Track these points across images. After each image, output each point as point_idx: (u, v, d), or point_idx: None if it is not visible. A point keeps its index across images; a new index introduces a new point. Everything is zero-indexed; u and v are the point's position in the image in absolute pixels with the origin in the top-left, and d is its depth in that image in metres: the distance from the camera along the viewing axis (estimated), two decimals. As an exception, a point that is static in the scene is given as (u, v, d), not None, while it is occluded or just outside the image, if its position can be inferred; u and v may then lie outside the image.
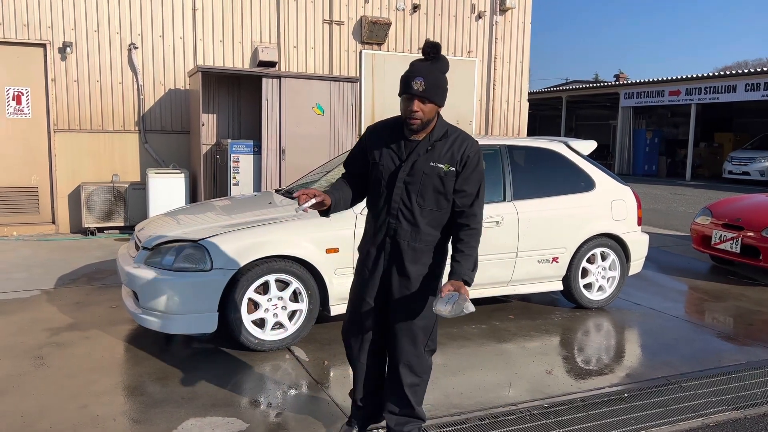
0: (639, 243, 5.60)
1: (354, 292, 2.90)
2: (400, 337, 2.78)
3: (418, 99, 2.59)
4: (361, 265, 2.85)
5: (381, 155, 2.72)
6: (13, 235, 8.04)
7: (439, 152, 2.69)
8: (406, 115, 2.63)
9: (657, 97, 23.08)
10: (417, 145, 2.69)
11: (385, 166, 2.71)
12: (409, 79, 2.60)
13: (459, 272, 2.67)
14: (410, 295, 2.75)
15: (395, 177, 2.69)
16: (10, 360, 3.93)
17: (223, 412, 3.31)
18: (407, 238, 2.71)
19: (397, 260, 2.74)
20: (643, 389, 3.79)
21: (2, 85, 7.93)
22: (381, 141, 2.75)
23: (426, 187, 2.67)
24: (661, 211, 13.00)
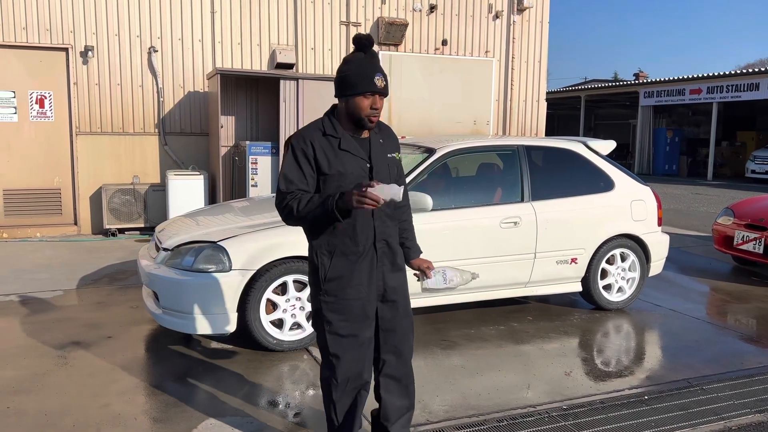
0: (659, 244, 5.54)
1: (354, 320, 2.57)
2: (406, 332, 2.76)
3: (379, 95, 2.51)
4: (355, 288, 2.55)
5: (343, 164, 2.50)
6: (37, 236, 8.18)
7: (387, 144, 2.67)
8: (368, 114, 2.50)
9: (678, 95, 22.80)
10: (370, 142, 2.59)
11: (354, 173, 2.51)
12: (371, 76, 2.48)
13: (417, 248, 2.84)
14: (405, 288, 2.74)
15: (370, 179, 2.53)
16: (33, 359, 4.00)
17: (242, 412, 3.33)
18: (393, 234, 2.67)
19: (391, 260, 2.66)
20: (663, 392, 3.75)
21: (26, 89, 8.07)
22: (331, 149, 2.51)
23: (391, 178, 2.61)
24: (682, 211, 12.84)
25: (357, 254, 2.55)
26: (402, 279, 2.72)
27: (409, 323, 2.77)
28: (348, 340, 2.58)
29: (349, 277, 2.56)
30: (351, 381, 2.62)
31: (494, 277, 4.85)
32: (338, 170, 2.50)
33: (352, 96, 2.50)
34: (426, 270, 2.78)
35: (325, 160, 2.50)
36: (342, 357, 2.59)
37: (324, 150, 2.51)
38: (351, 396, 2.64)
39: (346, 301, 2.57)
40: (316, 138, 2.53)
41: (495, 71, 10.36)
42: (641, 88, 24.32)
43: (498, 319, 5.06)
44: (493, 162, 5.36)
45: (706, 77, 21.50)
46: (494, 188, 5.10)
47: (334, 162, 2.50)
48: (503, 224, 4.81)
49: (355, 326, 2.59)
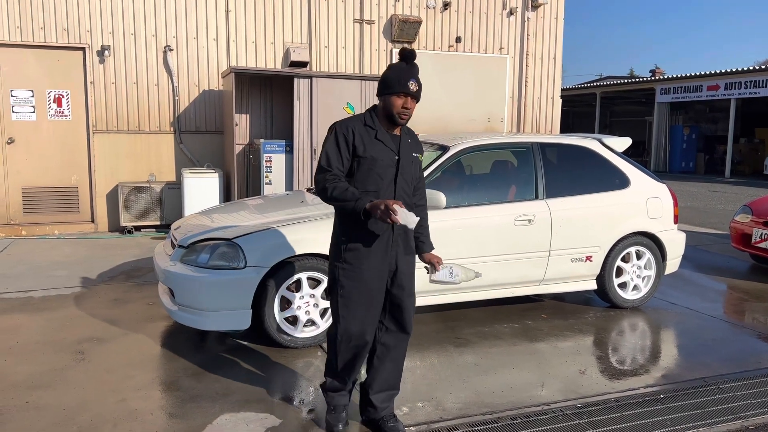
0: (675, 241, 5.49)
1: (366, 288, 2.96)
2: (410, 312, 3.09)
3: (411, 97, 2.91)
4: (371, 260, 2.94)
5: (377, 151, 2.93)
6: (55, 233, 8.29)
7: (414, 145, 3.09)
8: (400, 111, 2.91)
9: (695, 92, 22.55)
10: (400, 139, 3.01)
11: (385, 161, 2.94)
12: (406, 80, 2.89)
13: (430, 244, 3.21)
14: (412, 271, 3.11)
15: (396, 169, 2.96)
16: (52, 355, 4.06)
17: (256, 408, 3.36)
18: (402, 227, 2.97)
19: (404, 243, 3.05)
20: (679, 390, 3.72)
21: (44, 88, 8.18)
22: (368, 138, 2.94)
23: (413, 175, 3.06)
24: (699, 208, 12.71)
25: (378, 230, 2.93)
26: (411, 261, 3.10)
27: (412, 302, 3.11)
28: (356, 305, 2.97)
29: (366, 250, 2.94)
30: (354, 339, 3.01)
31: (508, 275, 4.83)
32: (372, 155, 2.93)
33: (389, 95, 2.92)
34: (435, 264, 3.11)
35: (362, 145, 2.93)
36: (349, 319, 2.98)
37: (362, 137, 2.94)
38: (352, 351, 3.04)
39: (361, 271, 2.95)
40: (357, 126, 2.96)
41: (509, 68, 10.31)
42: (657, 84, 24.08)
43: (512, 317, 5.04)
44: (507, 159, 5.34)
45: (724, 73, 21.23)
46: (508, 186, 5.09)
47: (369, 148, 2.93)
48: (517, 222, 4.79)
49: (364, 294, 2.97)
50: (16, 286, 5.69)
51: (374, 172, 2.91)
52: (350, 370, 3.10)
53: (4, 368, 3.82)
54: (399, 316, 3.07)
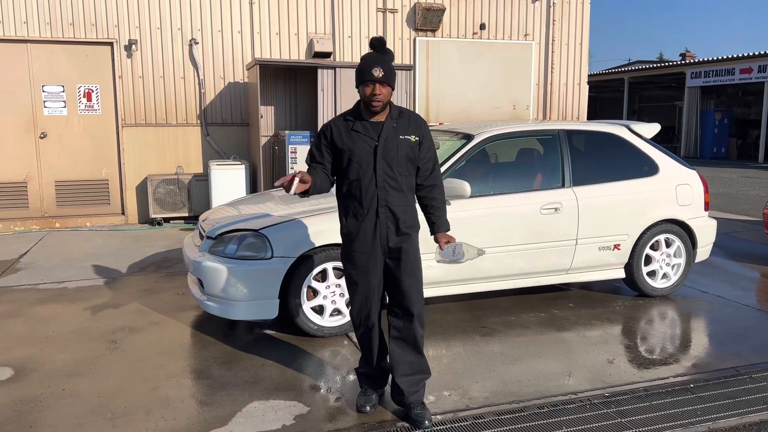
0: (706, 229, 5.39)
1: (360, 269, 3.13)
2: (411, 292, 3.12)
3: (378, 83, 2.98)
4: (360, 243, 3.10)
5: (353, 142, 3.07)
6: (86, 225, 8.48)
7: (403, 128, 3.11)
8: (369, 98, 3.01)
9: (727, 75, 21.99)
10: (383, 125, 3.08)
11: (362, 149, 3.05)
12: (370, 68, 2.97)
13: (443, 225, 3.22)
14: (410, 250, 3.13)
15: (375, 155, 3.05)
16: (86, 344, 4.17)
17: (284, 396, 3.41)
18: (398, 203, 3.10)
19: (394, 223, 3.10)
20: (710, 380, 3.67)
21: (74, 83, 8.33)
22: (347, 131, 3.10)
23: (401, 157, 3.08)
24: (731, 195, 12.43)
25: (362, 215, 3.10)
26: (407, 242, 3.13)
27: (412, 283, 3.13)
28: (357, 286, 3.16)
29: (356, 233, 3.11)
30: (363, 320, 3.20)
31: (534, 264, 4.80)
32: (348, 147, 3.08)
33: (360, 85, 3.05)
34: (441, 243, 3.19)
35: (340, 139, 3.11)
36: (354, 299, 3.20)
37: (341, 131, 3.11)
38: (362, 329, 3.23)
39: (354, 253, 3.13)
40: (337, 122, 3.16)
41: (534, 54, 10.19)
42: (688, 68, 23.54)
43: (539, 306, 5.02)
44: (533, 147, 5.29)
45: (758, 56, 20.65)
46: (534, 174, 5.04)
47: (346, 140, 3.09)
48: (543, 210, 4.76)
49: (361, 274, 3.14)
50: (51, 277, 5.84)
51: (353, 161, 3.06)
52: (367, 351, 3.26)
53: (42, 357, 3.93)
54: (400, 297, 3.13)
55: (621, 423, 3.13)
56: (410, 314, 3.13)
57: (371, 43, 3.07)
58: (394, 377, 3.18)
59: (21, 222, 8.26)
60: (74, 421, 3.12)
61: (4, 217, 8.24)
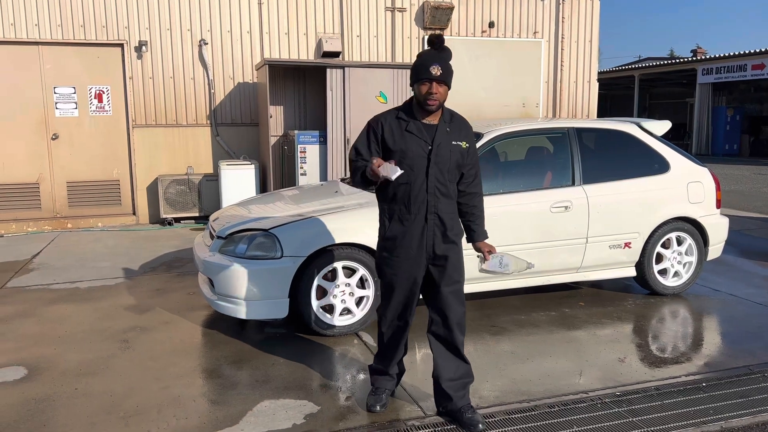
0: (718, 226, 5.35)
1: (401, 275, 3.05)
2: (451, 301, 3.07)
3: (436, 82, 2.89)
4: (404, 249, 3.01)
5: (406, 143, 2.95)
6: (98, 225, 8.54)
7: (455, 132, 3.03)
8: (425, 97, 2.90)
9: (738, 71, 21.79)
10: (437, 128, 2.98)
11: (415, 151, 2.95)
12: (428, 65, 2.88)
13: (483, 233, 3.18)
14: (455, 259, 3.06)
15: (429, 159, 2.95)
16: (98, 343, 4.20)
17: (295, 395, 3.42)
18: (446, 210, 3.02)
19: (441, 230, 3.02)
20: (722, 378, 3.65)
21: (85, 84, 8.40)
22: (400, 130, 2.98)
23: (452, 162, 3.00)
24: (744, 192, 12.33)
25: (409, 220, 3.00)
26: (453, 250, 3.05)
27: (455, 290, 3.07)
28: (396, 289, 3.08)
29: (401, 238, 3.02)
30: (395, 319, 3.15)
31: (545, 263, 4.78)
32: (401, 148, 2.97)
33: (415, 83, 2.95)
34: (485, 253, 3.12)
35: (392, 138, 2.99)
36: (390, 300, 3.12)
37: (392, 130, 3.00)
38: (393, 329, 3.17)
39: (397, 259, 3.04)
40: (388, 119, 3.03)
41: (544, 52, 10.14)
42: (699, 65, 23.35)
43: (549, 305, 5.00)
44: (543, 145, 5.27)
45: (770, 51, 20.45)
46: (544, 172, 5.02)
47: (398, 141, 2.98)
48: (554, 208, 4.74)
49: (402, 280, 3.06)
50: (63, 277, 5.89)
51: (404, 164, 2.93)
52: (392, 350, 3.20)
53: (54, 356, 3.97)
54: (441, 305, 3.07)
55: (632, 422, 3.12)
56: (451, 322, 3.08)
57: (429, 40, 2.98)
58: (440, 383, 3.13)
59: (33, 222, 8.33)
60: (87, 420, 3.14)
61: (16, 217, 8.32)
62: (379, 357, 3.28)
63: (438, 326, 3.11)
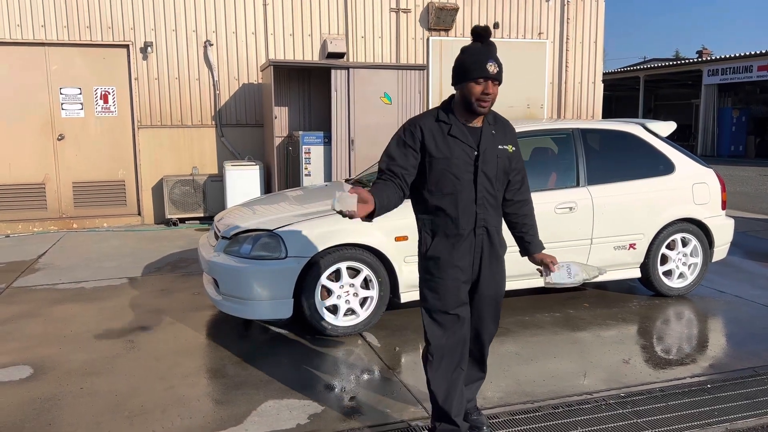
0: (723, 228, 5.33)
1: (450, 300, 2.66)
2: (488, 319, 2.83)
3: (491, 81, 2.56)
4: (453, 269, 2.64)
5: (450, 149, 2.60)
6: (104, 226, 8.57)
7: (501, 135, 2.72)
8: (480, 99, 2.56)
9: (744, 72, 21.72)
10: (482, 131, 2.66)
11: (460, 158, 2.60)
12: (483, 62, 2.56)
13: (540, 245, 2.88)
14: (499, 277, 2.80)
15: (476, 167, 2.62)
16: (103, 343, 4.22)
17: (299, 395, 3.43)
18: (495, 223, 2.71)
19: (489, 247, 2.71)
20: (728, 380, 3.63)
21: (91, 85, 8.43)
22: (440, 135, 2.62)
23: (499, 169, 2.68)
24: (749, 193, 12.28)
25: (457, 236, 2.64)
26: (498, 268, 2.77)
27: (494, 309, 2.82)
28: (443, 317, 2.68)
29: (448, 258, 2.65)
30: (445, 358, 2.70)
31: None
32: (445, 154, 2.61)
33: (466, 82, 2.57)
34: (549, 264, 2.80)
35: (433, 143, 2.61)
36: (435, 334, 2.69)
37: (433, 134, 2.62)
38: (446, 374, 2.72)
39: (443, 281, 2.66)
40: (427, 123, 2.65)
41: (549, 53, 10.13)
42: (705, 66, 23.28)
43: (553, 306, 4.99)
44: (547, 146, 5.26)
45: (776, 52, 20.38)
46: (548, 173, 5.02)
47: (441, 146, 2.61)
48: (558, 209, 4.73)
49: (449, 306, 2.67)
50: (68, 277, 5.91)
51: (449, 172, 2.60)
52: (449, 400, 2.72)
53: (60, 356, 3.99)
54: (475, 323, 2.80)
55: (637, 423, 3.11)
56: (482, 340, 2.86)
57: (476, 32, 2.62)
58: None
59: (39, 223, 8.37)
60: (92, 419, 3.16)
61: (23, 218, 8.36)
62: (440, 415, 2.76)
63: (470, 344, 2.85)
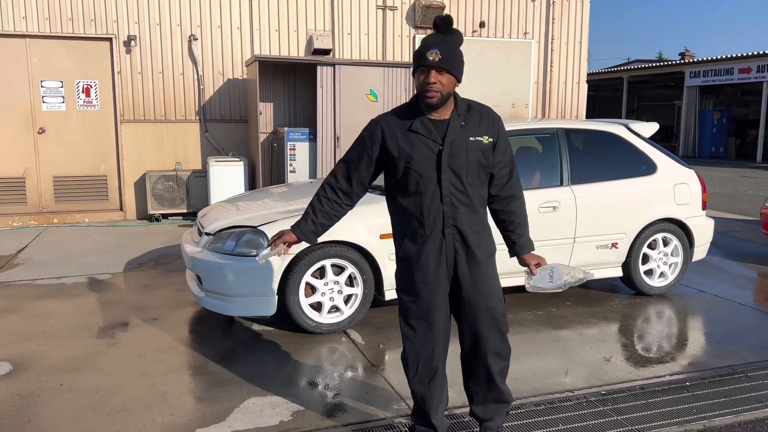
0: (703, 228, 5.40)
1: (422, 303, 2.59)
2: (483, 329, 2.62)
3: (434, 70, 2.42)
4: (422, 271, 2.56)
5: (412, 145, 2.49)
6: (85, 221, 8.47)
7: (473, 126, 2.54)
8: (423, 88, 2.45)
9: (726, 75, 22.02)
10: (448, 123, 2.51)
11: (422, 154, 2.48)
12: (423, 52, 2.44)
13: (528, 244, 2.69)
14: (485, 281, 2.59)
15: (439, 162, 2.48)
16: (85, 339, 4.17)
17: (282, 392, 3.42)
18: (468, 222, 2.54)
19: (464, 249, 2.56)
20: (706, 378, 3.69)
21: (73, 78, 8.32)
22: (402, 130, 2.52)
23: (471, 163, 2.51)
24: (729, 194, 12.46)
25: (424, 237, 2.54)
26: (481, 270, 2.58)
27: (488, 317, 2.61)
28: (416, 322, 2.62)
29: (416, 260, 2.57)
30: (421, 366, 2.66)
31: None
32: (405, 152, 2.51)
33: (414, 74, 2.51)
34: (531, 266, 2.65)
35: (394, 142, 2.53)
36: (410, 338, 2.65)
37: (395, 132, 2.53)
38: (424, 381, 2.68)
39: (415, 285, 2.59)
40: (389, 121, 2.57)
41: (534, 53, 10.19)
42: (687, 67, 23.56)
43: (536, 304, 5.03)
44: (532, 145, 5.30)
45: (757, 55, 20.68)
46: (532, 172, 5.05)
47: (402, 143, 2.51)
48: (541, 209, 4.77)
49: (423, 309, 2.60)
50: (49, 272, 5.84)
51: (411, 170, 2.49)
52: (428, 403, 2.70)
53: (40, 352, 3.94)
54: (470, 334, 2.66)
55: (617, 420, 3.15)
56: (482, 353, 2.65)
57: (435, 23, 2.50)
58: (470, 404, 2.83)
59: (19, 217, 8.25)
60: (72, 416, 3.12)
61: (2, 212, 8.24)
62: (417, 415, 2.77)
63: (467, 355, 2.74)
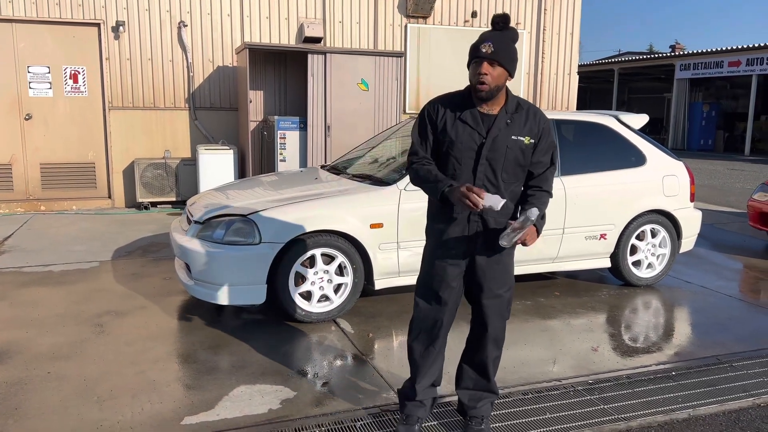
0: (691, 220, 5.45)
1: (438, 278, 2.74)
2: (490, 314, 2.81)
3: (486, 61, 2.52)
4: (442, 249, 2.72)
5: (456, 131, 2.61)
6: (73, 209, 8.40)
7: (518, 125, 2.64)
8: (475, 80, 2.54)
9: (715, 68, 22.12)
10: (495, 119, 2.61)
11: (464, 143, 2.60)
12: (477, 45, 2.56)
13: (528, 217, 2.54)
14: (500, 271, 2.77)
15: (479, 154, 2.59)
16: (72, 327, 4.15)
17: (271, 381, 3.42)
18: (494, 214, 2.62)
19: (487, 239, 2.68)
20: (692, 368, 3.73)
21: (60, 64, 8.22)
22: (452, 116, 2.63)
23: (509, 161, 2.62)
24: (717, 187, 12.56)
25: (451, 220, 2.67)
26: (495, 259, 2.73)
27: (497, 304, 2.80)
28: (428, 293, 2.78)
29: (440, 237, 2.72)
30: (423, 332, 2.82)
31: (521, 253, 4.82)
32: (451, 137, 2.62)
33: (468, 65, 2.60)
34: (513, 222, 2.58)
35: (443, 123, 2.64)
36: (420, 305, 2.81)
37: (446, 116, 2.65)
38: (420, 347, 2.84)
39: (433, 260, 2.75)
40: (446, 103, 2.68)
41: (525, 43, 10.18)
42: (677, 60, 23.64)
43: (525, 294, 5.06)
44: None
45: (746, 48, 20.78)
46: (523, 163, 5.06)
47: (449, 129, 2.63)
48: (531, 199, 4.77)
49: (436, 283, 2.75)
50: (36, 260, 5.79)
51: (451, 155, 2.62)
52: (421, 369, 2.85)
53: (27, 340, 3.91)
54: (478, 317, 2.86)
55: (604, 409, 3.18)
56: (486, 338, 2.85)
57: (493, 20, 2.59)
58: (456, 385, 3.02)
59: (5, 205, 8.17)
60: (60, 404, 3.11)
61: (-12, 199, 8.15)
62: (410, 379, 2.93)
63: (472, 334, 2.92)
